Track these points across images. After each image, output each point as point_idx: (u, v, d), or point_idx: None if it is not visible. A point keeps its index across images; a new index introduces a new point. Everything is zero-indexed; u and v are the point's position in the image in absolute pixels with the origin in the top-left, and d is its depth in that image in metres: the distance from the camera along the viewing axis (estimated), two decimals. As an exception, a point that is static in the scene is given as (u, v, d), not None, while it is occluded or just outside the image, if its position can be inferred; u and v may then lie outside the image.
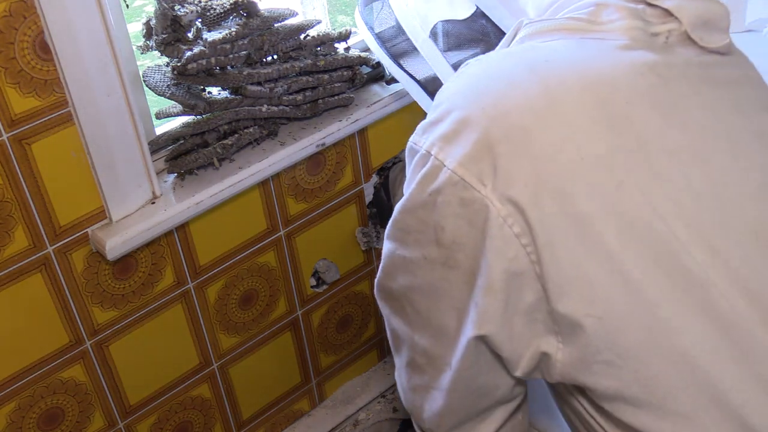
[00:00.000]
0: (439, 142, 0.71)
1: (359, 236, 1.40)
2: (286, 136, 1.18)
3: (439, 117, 0.73)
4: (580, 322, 0.67)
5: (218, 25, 1.07)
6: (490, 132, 0.68)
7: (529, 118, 0.68)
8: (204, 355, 1.27)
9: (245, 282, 1.26)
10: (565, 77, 0.70)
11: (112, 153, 1.01)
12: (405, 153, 0.78)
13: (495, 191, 0.67)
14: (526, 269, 0.68)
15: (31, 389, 1.09)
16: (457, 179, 0.69)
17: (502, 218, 0.67)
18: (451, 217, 0.70)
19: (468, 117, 0.70)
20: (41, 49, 0.91)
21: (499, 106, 0.69)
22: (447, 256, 0.72)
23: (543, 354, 0.71)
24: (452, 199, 0.69)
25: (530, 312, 0.69)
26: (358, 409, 1.52)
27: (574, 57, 0.72)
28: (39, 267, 1.02)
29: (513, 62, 0.74)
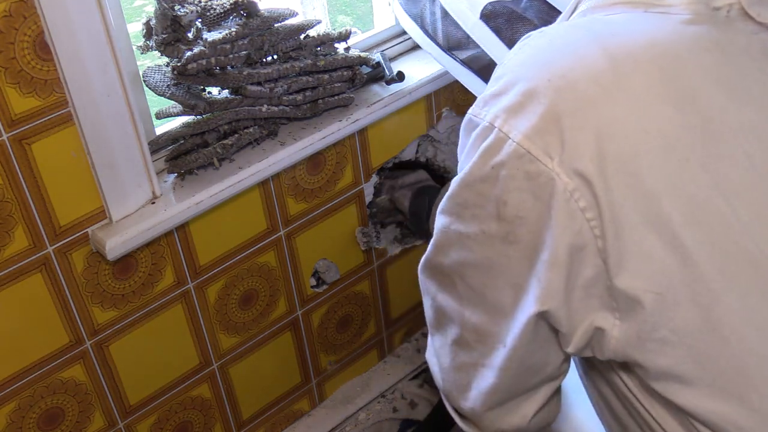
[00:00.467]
0: (504, 113, 0.69)
1: (359, 236, 1.40)
2: (286, 136, 1.18)
3: (502, 89, 0.71)
4: (639, 297, 0.67)
5: (218, 25, 1.07)
6: (557, 104, 0.67)
7: (597, 91, 0.67)
8: (204, 355, 1.27)
9: (245, 282, 1.26)
10: (632, 51, 0.69)
11: (112, 153, 1.01)
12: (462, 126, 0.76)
13: (562, 164, 0.66)
14: (588, 243, 0.67)
15: (31, 389, 1.09)
16: (523, 152, 0.68)
17: (569, 192, 0.66)
18: (515, 191, 0.69)
19: (534, 88, 0.68)
20: (41, 49, 0.91)
21: (566, 77, 0.68)
22: (508, 231, 0.71)
23: (597, 329, 0.71)
24: (517, 172, 0.68)
25: (588, 287, 0.69)
26: (358, 409, 1.52)
27: (640, 31, 0.71)
28: (39, 267, 1.02)
29: (579, 35, 0.73)
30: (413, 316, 1.61)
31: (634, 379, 0.74)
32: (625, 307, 0.68)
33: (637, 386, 0.74)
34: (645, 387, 0.73)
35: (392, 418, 1.53)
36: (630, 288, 0.67)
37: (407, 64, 1.35)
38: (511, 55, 0.74)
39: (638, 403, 0.75)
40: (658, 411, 0.73)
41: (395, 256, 1.48)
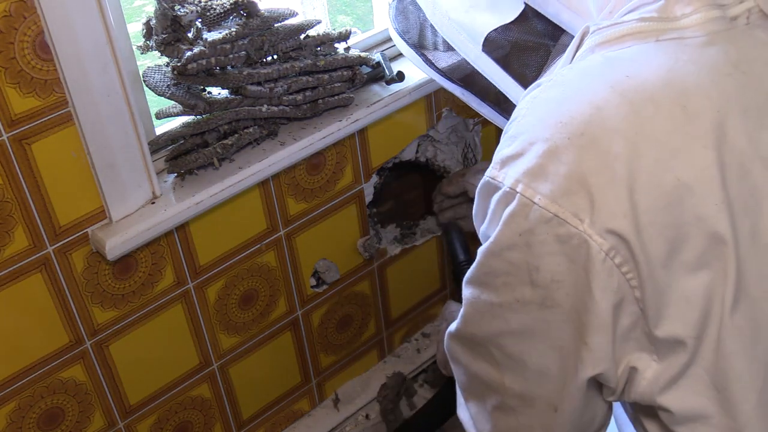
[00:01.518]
0: (525, 177, 0.66)
1: (360, 249, 1.40)
2: (286, 136, 1.18)
3: (519, 150, 0.68)
4: (681, 340, 0.66)
5: (218, 25, 1.07)
6: (581, 164, 0.64)
7: (620, 144, 0.64)
8: (204, 355, 1.27)
9: (245, 282, 1.26)
10: (651, 93, 0.66)
11: (112, 153, 1.01)
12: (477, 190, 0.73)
13: (593, 225, 0.64)
14: (626, 295, 0.66)
15: (31, 389, 1.09)
16: (550, 216, 0.65)
17: (605, 252, 0.64)
18: (547, 256, 0.67)
19: (554, 148, 0.65)
20: (41, 49, 0.91)
21: (586, 134, 0.65)
22: (544, 297, 0.68)
23: (632, 369, 0.70)
24: (547, 237, 0.66)
25: (626, 333, 0.68)
26: (358, 409, 1.52)
27: (656, 67, 0.68)
28: (39, 267, 1.02)
29: (592, 82, 0.69)
30: (413, 316, 1.61)
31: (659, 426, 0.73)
32: (665, 350, 0.68)
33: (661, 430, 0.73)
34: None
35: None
36: (671, 334, 0.66)
37: (407, 64, 1.35)
38: (524, 111, 0.71)
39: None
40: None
41: (395, 256, 1.48)
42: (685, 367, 0.67)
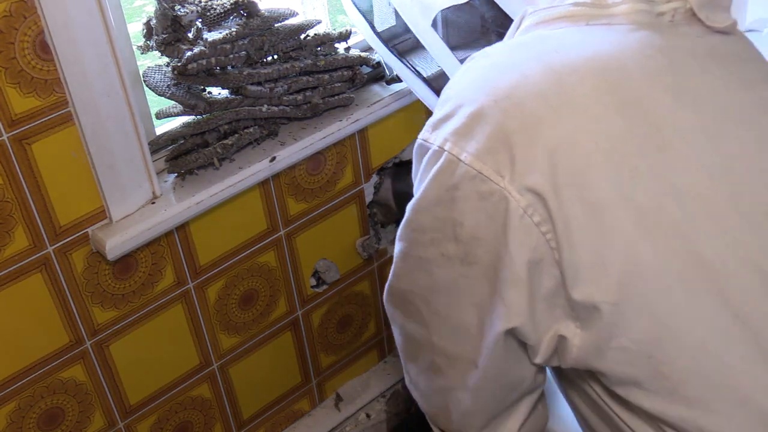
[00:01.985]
0: (453, 136, 0.70)
1: (359, 249, 1.40)
2: (286, 136, 1.18)
3: (449, 112, 0.72)
4: (597, 307, 0.67)
5: (218, 25, 1.07)
6: (504, 123, 0.68)
7: (543, 108, 0.68)
8: (204, 355, 1.27)
9: (245, 282, 1.26)
10: (576, 66, 0.70)
11: (112, 153, 1.01)
12: (413, 151, 0.77)
13: (513, 182, 0.67)
14: (546, 255, 0.68)
15: (31, 389, 1.09)
16: (474, 173, 0.68)
17: (522, 209, 0.67)
18: (469, 212, 0.70)
19: (481, 110, 0.69)
20: (41, 49, 0.91)
21: (512, 97, 0.68)
22: (466, 252, 0.71)
23: (560, 338, 0.71)
24: (470, 193, 0.69)
25: (550, 297, 0.70)
26: (358, 409, 1.52)
27: (582, 44, 0.72)
28: (39, 267, 1.02)
29: (522, 54, 0.73)
30: (413, 316, 1.61)
31: (601, 387, 0.74)
32: (584, 317, 0.69)
33: (605, 392, 0.74)
34: (611, 393, 0.73)
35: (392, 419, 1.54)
36: (587, 298, 0.67)
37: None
38: (456, 79, 0.75)
39: (608, 409, 0.75)
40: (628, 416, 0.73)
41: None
42: (609, 336, 0.68)
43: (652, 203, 0.66)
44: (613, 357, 0.69)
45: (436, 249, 0.73)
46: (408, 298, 0.79)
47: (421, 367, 0.82)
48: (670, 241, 0.67)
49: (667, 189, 0.67)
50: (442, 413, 0.83)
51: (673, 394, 0.68)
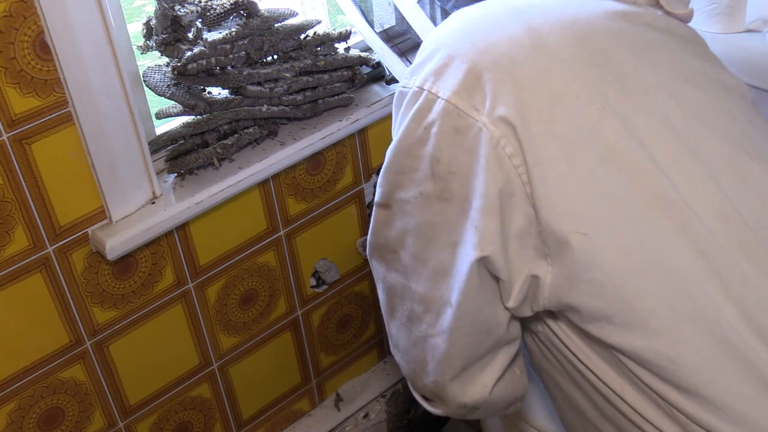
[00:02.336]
0: (431, 76, 0.74)
1: (360, 249, 1.40)
2: (286, 136, 1.18)
3: (427, 57, 0.76)
4: (567, 239, 0.70)
5: (218, 25, 1.07)
6: (479, 61, 0.72)
7: (516, 49, 0.72)
8: (204, 355, 1.27)
9: (245, 282, 1.26)
10: (547, 17, 0.75)
11: (112, 153, 1.01)
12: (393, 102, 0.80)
13: (488, 115, 0.70)
14: (517, 190, 0.71)
15: (31, 389, 1.09)
16: (451, 108, 0.72)
17: (496, 139, 0.70)
18: (446, 148, 0.73)
19: (457, 51, 0.74)
20: (41, 49, 0.91)
21: (486, 39, 0.74)
22: (443, 189, 0.74)
23: (533, 278, 0.73)
24: (447, 128, 0.72)
25: (522, 236, 0.72)
26: (358, 409, 1.52)
27: (552, 3, 0.78)
28: (39, 267, 1.02)
29: (497, 7, 0.78)
30: (413, 316, 1.61)
31: (561, 325, 0.77)
32: (555, 250, 0.71)
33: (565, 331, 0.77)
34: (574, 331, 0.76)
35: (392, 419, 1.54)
36: (558, 230, 0.70)
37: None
38: (435, 30, 0.80)
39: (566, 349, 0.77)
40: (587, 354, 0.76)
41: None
42: (580, 269, 0.70)
43: (619, 141, 0.71)
44: (585, 290, 0.71)
45: (415, 188, 0.76)
46: (388, 246, 0.81)
47: (400, 320, 0.84)
48: (635, 178, 0.70)
49: (632, 131, 0.71)
50: (419, 368, 0.84)
51: (644, 327, 0.70)
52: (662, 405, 0.72)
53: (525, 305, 0.76)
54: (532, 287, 0.74)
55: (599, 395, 0.77)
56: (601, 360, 0.75)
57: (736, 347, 0.69)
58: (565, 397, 0.83)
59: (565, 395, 0.82)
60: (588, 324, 0.73)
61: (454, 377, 0.81)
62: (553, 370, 0.82)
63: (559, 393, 0.84)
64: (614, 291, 0.70)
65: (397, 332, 0.86)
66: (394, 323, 0.86)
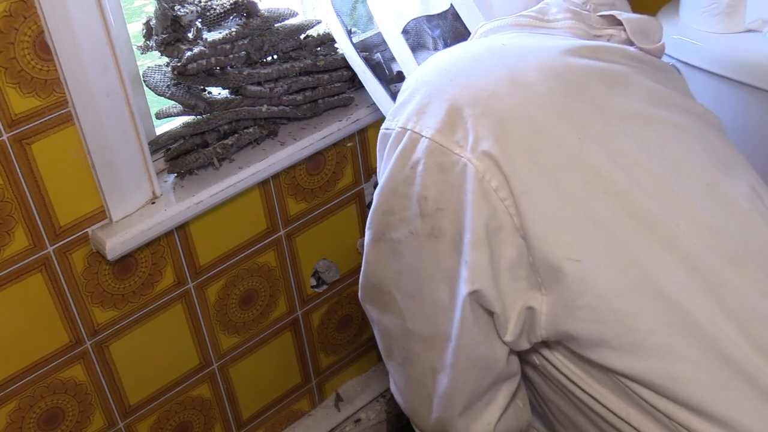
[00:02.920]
0: (414, 116, 0.75)
1: (360, 249, 1.40)
2: (286, 136, 1.19)
3: (408, 98, 0.77)
4: (560, 266, 0.70)
5: (218, 25, 1.07)
6: (460, 98, 0.73)
7: (495, 84, 0.74)
8: (204, 355, 1.27)
9: (245, 282, 1.26)
10: (523, 55, 0.77)
11: (112, 153, 1.01)
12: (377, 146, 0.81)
13: (472, 150, 0.71)
14: (505, 223, 0.71)
15: (31, 389, 1.09)
16: (435, 146, 0.73)
17: (481, 173, 0.71)
18: (432, 185, 0.73)
19: (437, 89, 0.75)
20: (41, 49, 0.91)
21: (465, 75, 0.75)
22: (432, 226, 0.74)
23: (528, 310, 0.74)
24: (432, 166, 0.73)
25: (513, 268, 0.72)
26: (358, 409, 1.52)
27: (527, 41, 0.81)
28: (39, 267, 1.02)
29: (475, 47, 0.81)
30: (413, 316, 1.61)
31: (558, 357, 0.77)
32: (549, 279, 0.72)
33: (563, 362, 0.77)
34: (573, 361, 0.76)
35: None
36: (550, 257, 0.71)
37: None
38: (414, 72, 0.80)
39: (566, 380, 0.78)
40: (588, 383, 0.76)
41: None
42: (575, 295, 0.71)
43: (603, 166, 0.72)
44: (581, 316, 0.71)
45: (405, 228, 0.76)
46: (381, 288, 0.81)
47: (397, 361, 0.84)
48: (621, 200, 0.71)
49: (613, 156, 0.73)
50: (421, 406, 0.84)
51: (643, 348, 0.71)
52: (669, 425, 0.72)
53: (522, 338, 0.76)
54: (528, 319, 0.74)
55: (605, 422, 0.77)
56: (602, 387, 0.75)
57: (736, 362, 0.70)
58: (572, 424, 0.83)
59: (571, 422, 0.82)
60: (587, 351, 0.73)
61: (459, 414, 0.81)
62: (558, 399, 0.82)
63: (566, 421, 0.84)
64: (611, 314, 0.71)
65: (395, 372, 0.86)
66: (391, 364, 0.86)
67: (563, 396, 0.81)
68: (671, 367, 0.70)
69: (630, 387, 0.73)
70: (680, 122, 0.80)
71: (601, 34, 0.85)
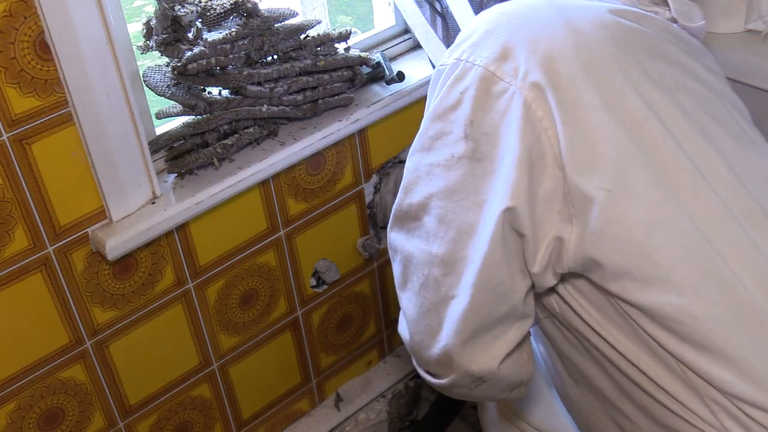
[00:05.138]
0: (469, 48, 0.80)
1: (360, 249, 1.40)
2: (286, 136, 1.19)
3: (465, 37, 0.82)
4: (591, 195, 0.75)
5: (218, 25, 1.07)
6: (515, 36, 0.79)
7: (549, 27, 0.79)
8: (204, 355, 1.27)
9: (245, 282, 1.26)
10: (576, 8, 0.83)
11: (112, 153, 1.01)
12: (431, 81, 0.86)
13: (522, 80, 0.76)
14: (546, 152, 0.76)
15: (31, 389, 1.09)
16: (487, 74, 0.78)
17: (528, 102, 0.76)
18: (480, 110, 0.78)
19: (494, 26, 0.81)
20: (41, 49, 0.91)
21: (522, 18, 0.81)
22: (474, 149, 0.78)
23: (558, 240, 0.77)
24: (481, 92, 0.78)
25: (548, 200, 0.76)
26: (358, 409, 1.52)
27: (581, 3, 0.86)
28: (39, 267, 1.02)
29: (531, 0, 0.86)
30: (413, 316, 1.61)
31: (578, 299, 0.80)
32: (580, 208, 0.76)
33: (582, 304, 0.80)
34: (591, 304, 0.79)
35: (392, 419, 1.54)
36: (584, 186, 0.75)
37: (407, 64, 1.35)
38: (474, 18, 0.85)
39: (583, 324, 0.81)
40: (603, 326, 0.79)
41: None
42: (603, 223, 0.74)
43: (638, 113, 0.77)
44: (608, 245, 0.75)
45: (447, 151, 0.80)
46: (411, 213, 0.84)
47: (412, 289, 0.85)
48: (654, 145, 0.76)
49: (651, 106, 0.78)
50: (428, 336, 0.84)
51: (665, 282, 0.74)
52: (678, 371, 0.75)
53: (548, 271, 0.79)
54: (557, 249, 0.78)
55: (617, 370, 0.80)
56: (617, 330, 0.78)
57: (751, 309, 0.74)
58: (584, 377, 0.86)
59: (584, 375, 0.86)
60: (610, 282, 0.76)
61: (466, 340, 0.82)
62: (573, 350, 0.86)
63: (578, 375, 0.87)
64: (636, 246, 0.74)
65: (407, 303, 0.87)
66: (405, 294, 0.87)
67: (579, 347, 0.84)
68: (690, 303, 0.73)
69: (645, 328, 0.76)
70: (710, 97, 0.84)
71: (648, 10, 0.89)
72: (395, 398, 1.55)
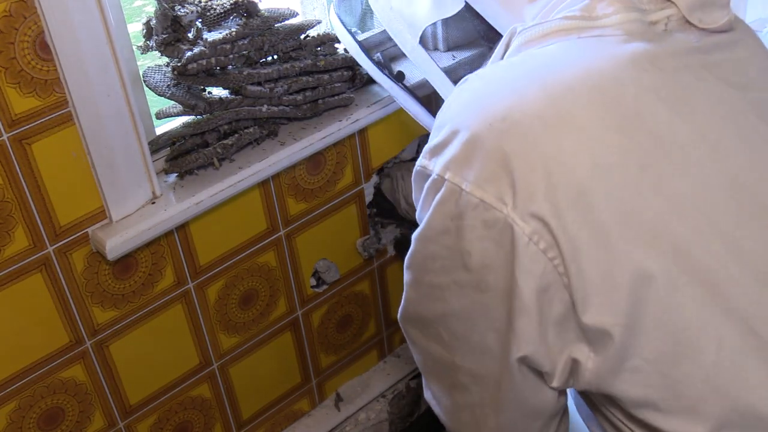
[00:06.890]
0: (452, 165, 0.69)
1: (360, 249, 1.40)
2: (286, 136, 1.18)
3: (446, 139, 0.70)
4: (608, 331, 0.67)
5: (218, 25, 1.07)
6: (501, 147, 0.66)
7: (540, 128, 0.66)
8: (204, 355, 1.27)
9: (245, 282, 1.26)
10: (570, 82, 0.68)
11: (112, 153, 1.01)
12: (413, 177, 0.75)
13: (516, 209, 0.66)
14: (554, 281, 0.67)
15: (31, 389, 1.09)
16: (476, 201, 0.67)
17: (528, 236, 0.66)
18: (476, 241, 0.68)
19: (476, 135, 0.68)
20: (41, 49, 0.91)
21: (507, 119, 0.67)
22: (478, 280, 0.70)
23: (574, 361, 0.71)
24: (476, 222, 0.68)
25: (561, 322, 0.69)
26: (358, 409, 1.52)
27: (576, 60, 0.71)
28: (39, 267, 1.02)
29: (514, 73, 0.72)
30: (413, 316, 1.61)
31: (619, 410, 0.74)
32: (596, 341, 0.68)
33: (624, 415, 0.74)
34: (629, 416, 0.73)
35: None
36: (598, 323, 0.67)
37: (407, 64, 1.35)
38: (450, 102, 0.73)
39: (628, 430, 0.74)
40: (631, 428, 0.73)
41: (395, 255, 1.48)
42: (622, 358, 0.68)
43: (657, 221, 0.66)
44: (627, 379, 0.68)
45: (448, 276, 0.72)
46: (425, 321, 0.77)
47: (444, 385, 0.81)
48: (677, 258, 0.66)
49: (671, 205, 0.66)
50: (468, 429, 0.81)
51: (694, 413, 0.67)
52: None
53: (570, 383, 0.74)
54: (573, 369, 0.72)
55: None
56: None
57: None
58: None
59: None
60: (634, 410, 0.71)
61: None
62: None
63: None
64: (659, 379, 0.68)
65: (439, 392, 0.83)
66: (434, 383, 0.83)
67: None
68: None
69: None
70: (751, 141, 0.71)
71: (658, 19, 0.74)
72: (396, 399, 1.55)
